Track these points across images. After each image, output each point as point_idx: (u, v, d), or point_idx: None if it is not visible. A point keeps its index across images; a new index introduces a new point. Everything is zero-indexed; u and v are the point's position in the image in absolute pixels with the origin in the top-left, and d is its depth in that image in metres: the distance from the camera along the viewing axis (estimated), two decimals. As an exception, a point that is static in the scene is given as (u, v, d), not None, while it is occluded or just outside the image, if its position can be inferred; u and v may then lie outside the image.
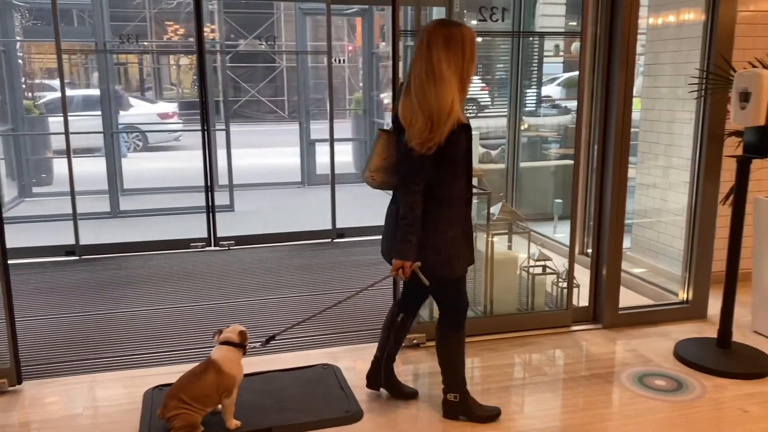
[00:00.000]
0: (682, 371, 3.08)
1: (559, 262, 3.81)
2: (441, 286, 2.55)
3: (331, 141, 5.60)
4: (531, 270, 3.72)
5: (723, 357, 3.13)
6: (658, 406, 2.76)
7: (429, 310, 3.55)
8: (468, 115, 2.63)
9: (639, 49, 3.45)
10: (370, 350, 2.92)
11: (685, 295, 3.75)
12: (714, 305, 3.47)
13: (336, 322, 3.71)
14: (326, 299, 4.10)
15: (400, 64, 3.15)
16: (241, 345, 2.57)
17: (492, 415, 2.66)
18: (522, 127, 6.41)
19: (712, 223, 3.61)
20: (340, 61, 12.71)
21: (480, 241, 3.75)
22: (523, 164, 6.04)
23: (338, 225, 5.58)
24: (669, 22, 4.23)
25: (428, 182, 2.36)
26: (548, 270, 3.76)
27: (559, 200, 5.60)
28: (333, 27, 5.63)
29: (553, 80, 9.67)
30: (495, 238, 3.66)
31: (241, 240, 5.30)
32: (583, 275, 3.71)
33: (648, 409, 2.74)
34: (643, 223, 4.62)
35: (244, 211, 6.72)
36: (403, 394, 2.83)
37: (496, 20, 3.32)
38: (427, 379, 3.04)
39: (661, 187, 4.43)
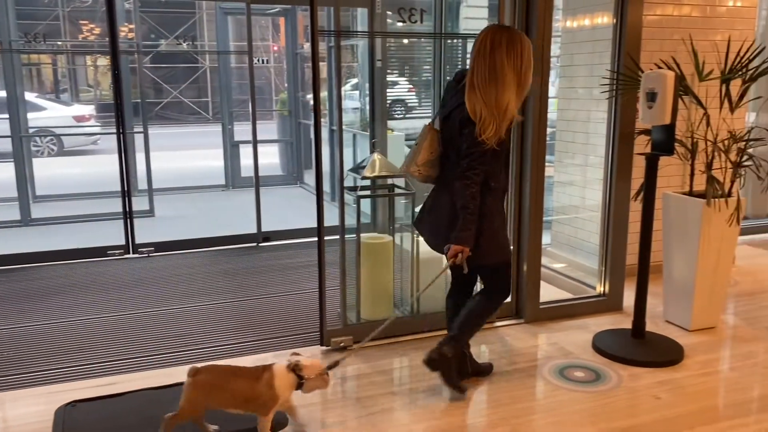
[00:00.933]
0: (600, 362, 3.18)
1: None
2: (493, 270, 2.80)
3: (255, 142, 5.50)
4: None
5: (638, 347, 3.27)
6: (578, 397, 2.84)
7: (356, 312, 3.54)
8: (396, 116, 2.78)
9: (555, 50, 3.56)
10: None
11: (602, 289, 3.89)
12: (629, 297, 3.61)
13: (263, 328, 3.64)
14: (253, 305, 4.03)
15: (334, 66, 3.12)
16: (300, 377, 2.43)
17: (461, 388, 2.84)
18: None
19: (625, 219, 3.76)
20: (262, 61, 12.53)
21: (405, 240, 3.78)
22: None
23: (264, 228, 5.48)
24: (584, 24, 4.38)
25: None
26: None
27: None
28: (257, 27, 5.54)
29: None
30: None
31: (161, 246, 5.12)
32: (506, 272, 3.79)
33: (569, 400, 2.82)
34: (562, 220, 4.78)
35: (166, 217, 6.51)
36: (482, 370, 3.04)
37: (415, 21, 3.33)
38: (355, 382, 3.02)
39: (577, 184, 4.59)
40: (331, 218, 3.35)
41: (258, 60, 6.05)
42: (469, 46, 2.89)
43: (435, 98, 5.89)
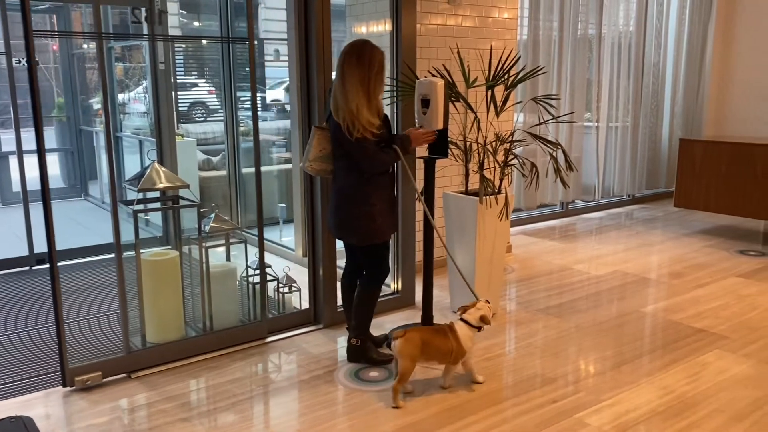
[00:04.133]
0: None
1: (291, 266, 3.82)
2: (369, 253, 3.13)
3: (19, 152, 4.88)
4: (251, 279, 3.66)
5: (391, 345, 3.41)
6: (371, 398, 2.90)
7: (141, 337, 3.28)
8: (197, 119, 2.71)
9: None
10: (62, 393, 2.56)
11: (396, 286, 4.03)
12: (421, 293, 3.78)
13: (27, 366, 3.23)
14: (26, 337, 3.56)
15: (105, 69, 2.81)
16: (476, 327, 2.93)
17: (385, 359, 3.20)
18: (243, 131, 6.33)
19: (413, 218, 3.92)
20: (20, 61, 11.23)
21: (194, 255, 3.59)
22: (245, 170, 5.97)
23: (38, 249, 4.90)
24: (370, 31, 4.49)
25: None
26: (269, 277, 3.74)
27: (283, 204, 5.65)
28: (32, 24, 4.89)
29: (281, 84, 9.79)
30: (215, 250, 3.52)
31: None
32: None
33: (362, 402, 2.86)
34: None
35: None
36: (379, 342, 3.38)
37: (155, 22, 3.20)
38: (143, 412, 2.79)
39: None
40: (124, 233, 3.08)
41: (19, 61, 5.37)
42: (269, 48, 3.00)
43: (227, 101, 5.71)
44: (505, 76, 3.67)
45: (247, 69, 7.61)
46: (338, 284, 3.53)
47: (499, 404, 2.84)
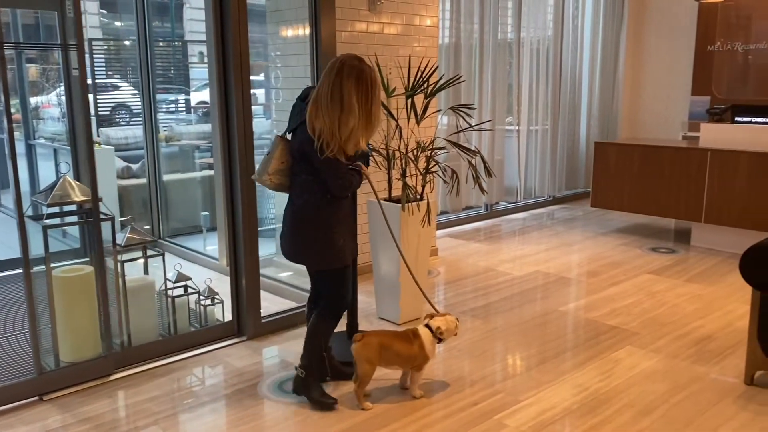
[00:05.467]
0: (318, 369, 3.27)
1: (212, 277, 3.74)
2: (326, 279, 2.90)
3: None
4: (170, 293, 3.57)
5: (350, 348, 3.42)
6: (296, 410, 2.88)
7: (54, 356, 3.15)
8: (120, 123, 2.49)
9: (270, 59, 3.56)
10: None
11: (321, 294, 4.02)
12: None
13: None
14: None
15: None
16: (437, 338, 2.93)
17: (326, 403, 2.88)
18: (164, 137, 6.17)
19: (336, 226, 3.92)
20: None
21: (109, 270, 3.46)
22: (167, 177, 5.81)
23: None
24: (293, 35, 4.45)
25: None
26: (190, 290, 3.66)
27: (206, 213, 5.53)
28: None
29: (206, 86, 9.61)
30: (129, 265, 3.41)
31: None
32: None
33: (287, 414, 2.84)
34: (284, 229, 4.83)
35: None
36: (342, 372, 3.13)
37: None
38: (51, 438, 2.67)
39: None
40: (34, 247, 2.93)
41: None
42: (194, 48, 2.82)
43: (146, 104, 5.54)
44: (425, 85, 3.72)
45: (173, 70, 7.40)
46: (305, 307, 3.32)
47: (423, 409, 2.88)
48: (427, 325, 2.97)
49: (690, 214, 5.49)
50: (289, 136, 2.92)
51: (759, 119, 5.37)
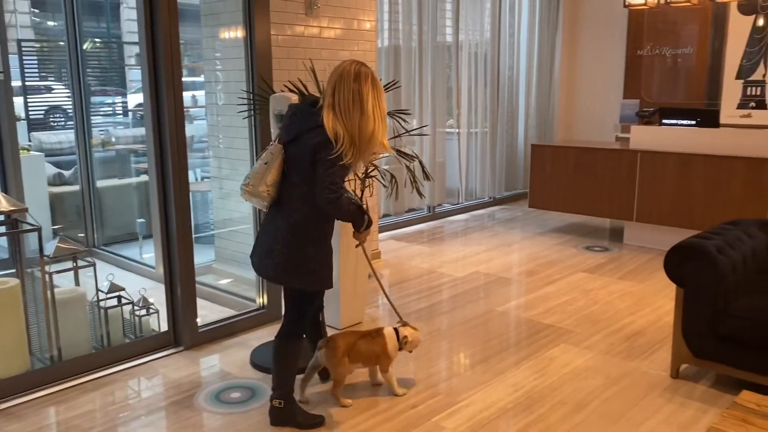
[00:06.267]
0: (257, 378, 3.24)
1: (149, 285, 3.65)
2: (309, 296, 2.76)
3: None
4: (103, 304, 3.47)
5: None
6: (232, 421, 2.85)
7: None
8: (55, 126, 2.34)
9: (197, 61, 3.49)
10: None
11: (261, 300, 3.98)
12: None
13: None
14: None
15: None
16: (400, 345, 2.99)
17: (316, 422, 2.78)
18: (100, 141, 5.99)
19: (275, 231, 3.89)
20: None
21: (38, 283, 3.34)
22: (102, 183, 5.65)
23: None
24: (227, 37, 4.39)
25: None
26: (123, 300, 3.57)
27: (142, 219, 5.40)
28: None
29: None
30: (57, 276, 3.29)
31: None
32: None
33: (222, 426, 2.81)
34: (223, 234, 4.77)
35: None
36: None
37: None
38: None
39: (235, 197, 4.62)
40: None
41: None
42: (129, 50, 2.69)
43: (79, 106, 5.36)
44: (362, 89, 3.72)
45: (109, 71, 7.18)
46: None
47: (363, 413, 2.89)
48: (396, 330, 3.00)
49: (622, 214, 5.69)
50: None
51: (685, 121, 5.60)
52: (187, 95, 7.66)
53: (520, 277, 4.91)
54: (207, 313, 3.93)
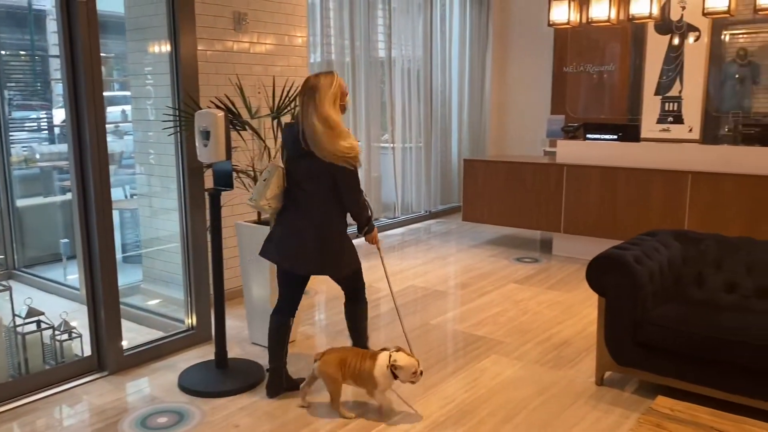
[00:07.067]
0: (185, 401, 3.15)
1: (73, 308, 3.50)
2: (354, 278, 3.28)
3: None
4: (21, 329, 3.31)
5: (221, 377, 3.34)
6: (158, 447, 2.76)
7: None
8: None
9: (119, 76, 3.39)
10: None
11: (191, 321, 3.88)
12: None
13: None
14: None
15: None
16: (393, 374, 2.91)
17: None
18: (23, 157, 5.76)
19: (204, 249, 3.81)
20: None
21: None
22: (23, 202, 5.41)
23: None
24: (153, 52, 4.29)
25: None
26: (43, 324, 3.41)
27: (66, 240, 5.19)
28: None
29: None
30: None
31: None
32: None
33: (148, 452, 2.72)
34: (152, 254, 4.64)
35: None
36: (295, 384, 3.23)
37: None
38: None
39: (162, 216, 4.51)
40: None
41: None
42: (55, 63, 2.61)
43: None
44: (292, 105, 3.72)
45: (32, 85, 6.90)
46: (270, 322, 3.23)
47: (293, 434, 2.85)
48: (390, 356, 2.95)
49: (551, 225, 5.86)
50: (280, 162, 3.16)
51: (607, 136, 5.84)
52: (117, 110, 7.48)
53: (454, 290, 4.98)
54: (134, 335, 3.81)
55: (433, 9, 7.40)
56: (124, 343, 3.54)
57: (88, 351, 3.49)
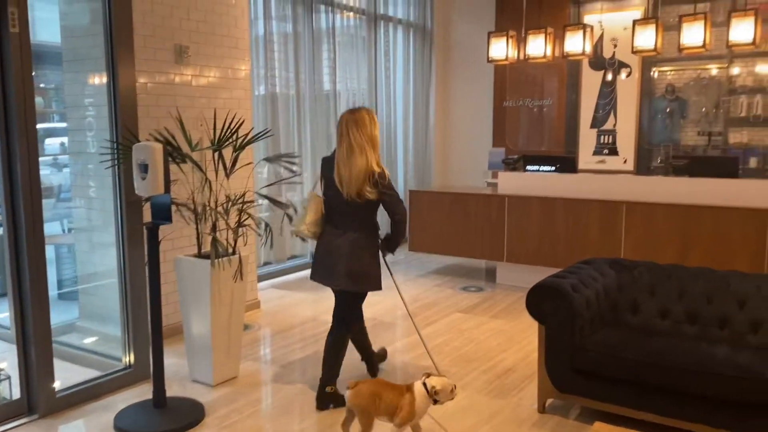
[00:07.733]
0: (121, 443, 3.04)
1: (2, 349, 3.34)
2: (359, 297, 3.57)
3: None
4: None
5: (159, 416, 3.23)
6: (90, 493, 2.64)
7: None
8: None
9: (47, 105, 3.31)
10: None
11: (128, 359, 3.76)
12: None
13: None
14: None
15: None
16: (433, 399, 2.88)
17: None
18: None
19: (143, 284, 3.72)
20: None
21: None
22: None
23: None
24: (92, 83, 4.21)
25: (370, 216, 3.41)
26: (-32, 367, 3.25)
27: (-3, 276, 4.97)
28: None
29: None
30: None
31: None
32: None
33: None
34: (89, 290, 4.49)
35: None
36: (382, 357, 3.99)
37: None
38: None
39: (100, 251, 4.38)
40: None
41: None
42: None
43: None
44: (233, 137, 3.71)
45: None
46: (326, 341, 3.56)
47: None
48: (424, 383, 2.91)
49: (494, 254, 5.96)
50: (319, 190, 3.48)
51: (546, 168, 6.02)
52: (56, 142, 7.26)
53: (401, 320, 4.98)
54: (69, 375, 3.65)
55: (377, 43, 7.54)
56: (57, 384, 3.39)
57: (17, 393, 3.33)
